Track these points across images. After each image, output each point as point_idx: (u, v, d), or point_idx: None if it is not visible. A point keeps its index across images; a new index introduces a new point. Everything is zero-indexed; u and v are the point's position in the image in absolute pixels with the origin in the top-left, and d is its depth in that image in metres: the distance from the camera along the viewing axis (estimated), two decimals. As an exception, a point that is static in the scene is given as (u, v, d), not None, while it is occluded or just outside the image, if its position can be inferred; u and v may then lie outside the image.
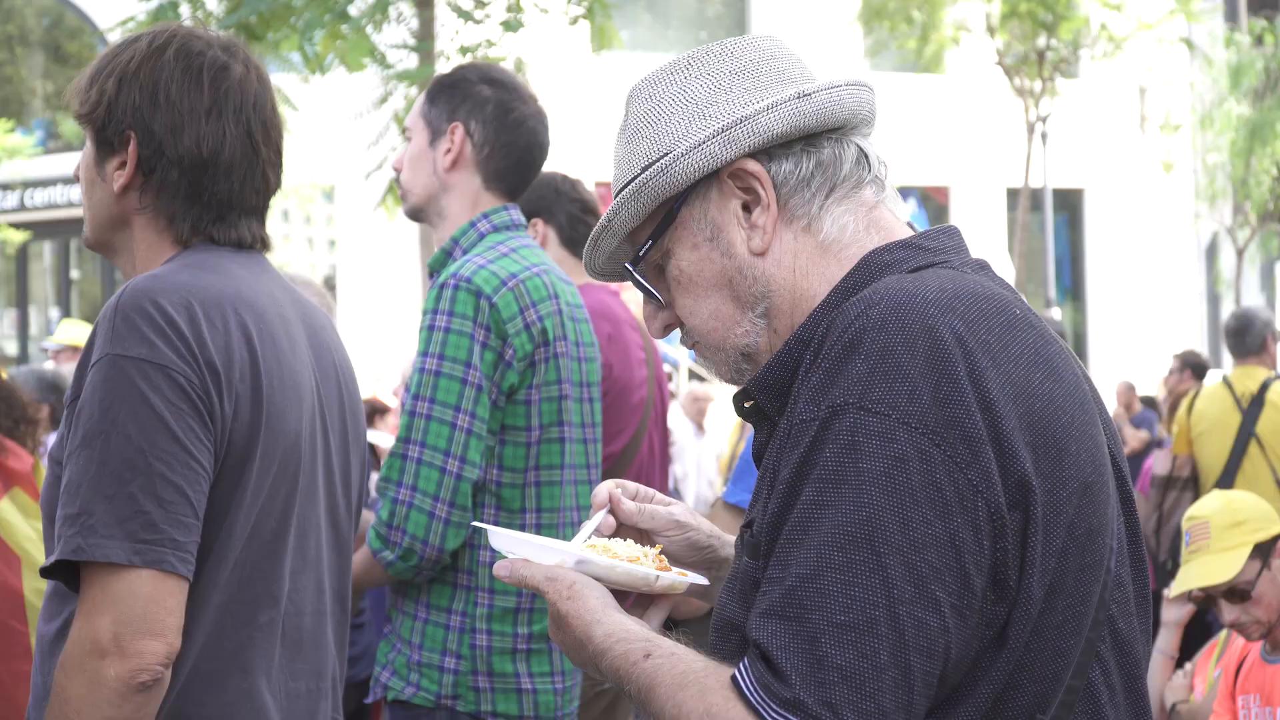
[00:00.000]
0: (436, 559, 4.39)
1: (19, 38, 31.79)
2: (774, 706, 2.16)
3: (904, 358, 2.22)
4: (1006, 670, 2.26)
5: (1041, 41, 26.42)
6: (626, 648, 2.33)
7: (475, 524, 2.75)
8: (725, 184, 2.45)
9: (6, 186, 29.45)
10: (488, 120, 4.68)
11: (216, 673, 3.11)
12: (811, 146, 2.46)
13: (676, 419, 15.29)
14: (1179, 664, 6.85)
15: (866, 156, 2.50)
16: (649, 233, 2.50)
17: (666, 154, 2.45)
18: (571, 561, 2.44)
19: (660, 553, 2.56)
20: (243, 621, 3.13)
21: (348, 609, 3.43)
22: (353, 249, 28.37)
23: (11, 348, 31.28)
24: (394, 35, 10.69)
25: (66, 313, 29.94)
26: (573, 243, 5.75)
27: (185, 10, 10.08)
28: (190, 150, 3.21)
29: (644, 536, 2.67)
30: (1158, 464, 10.70)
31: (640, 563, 2.49)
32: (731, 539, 2.73)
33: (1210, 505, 5.82)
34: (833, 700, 2.14)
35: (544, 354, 4.51)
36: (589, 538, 2.56)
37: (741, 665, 2.21)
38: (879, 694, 2.14)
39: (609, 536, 2.62)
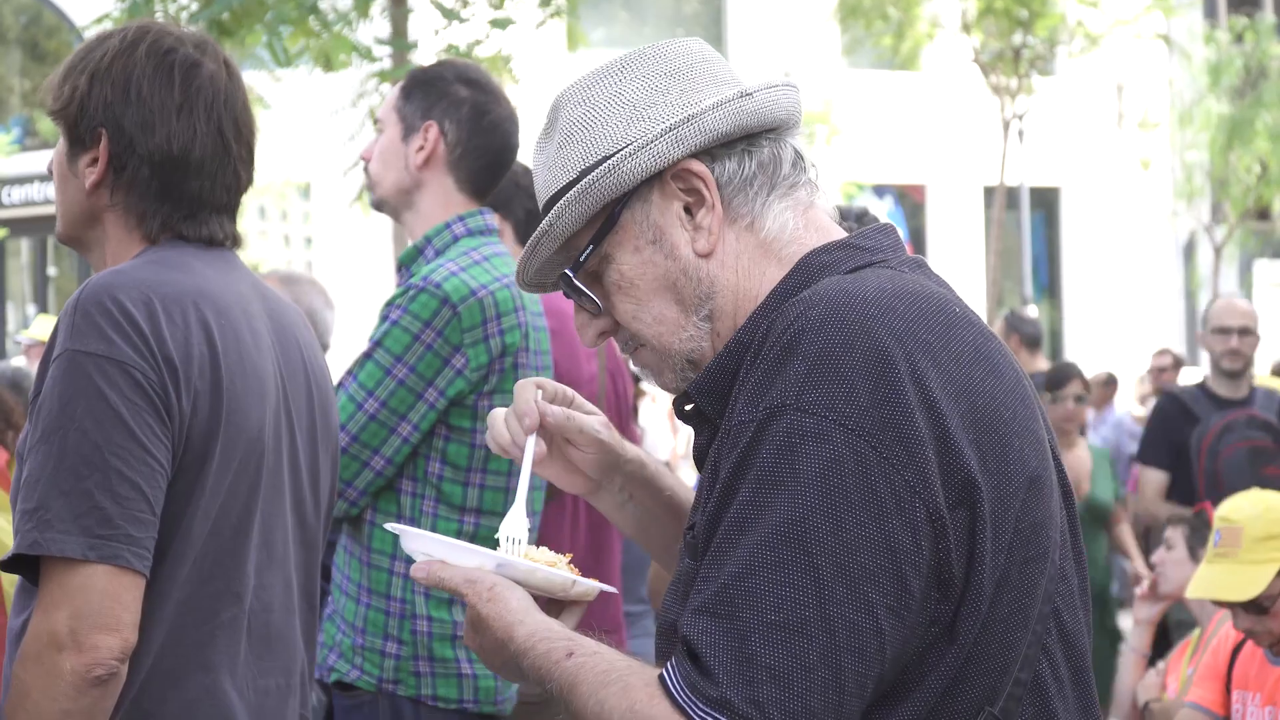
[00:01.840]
0: None
1: (-4, 35, 31.74)
2: (700, 705, 2.16)
3: (842, 359, 2.23)
4: (956, 664, 2.27)
5: (1017, 39, 26.44)
6: (549, 646, 2.33)
7: (387, 526, 2.73)
8: (668, 185, 2.45)
9: (-17, 183, 29.41)
10: (463, 121, 4.70)
11: (177, 670, 3.11)
12: (753, 146, 2.46)
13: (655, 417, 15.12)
14: (1151, 662, 6.86)
15: (801, 158, 2.51)
16: (589, 238, 2.48)
17: (609, 156, 2.44)
18: (491, 564, 2.44)
19: (570, 561, 2.55)
20: (204, 618, 3.13)
21: (316, 606, 3.43)
22: (328, 246, 28.36)
23: (-11, 344, 31.24)
24: (370, 33, 10.67)
25: (44, 309, 29.90)
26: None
27: (158, 7, 10.05)
28: (161, 147, 3.21)
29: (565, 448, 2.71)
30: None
31: (555, 566, 2.50)
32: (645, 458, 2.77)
33: (1247, 510, 5.64)
34: (759, 699, 2.14)
35: (500, 365, 4.55)
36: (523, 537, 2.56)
37: (670, 663, 2.22)
38: (807, 694, 2.15)
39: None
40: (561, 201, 2.46)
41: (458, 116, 4.70)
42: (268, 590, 3.24)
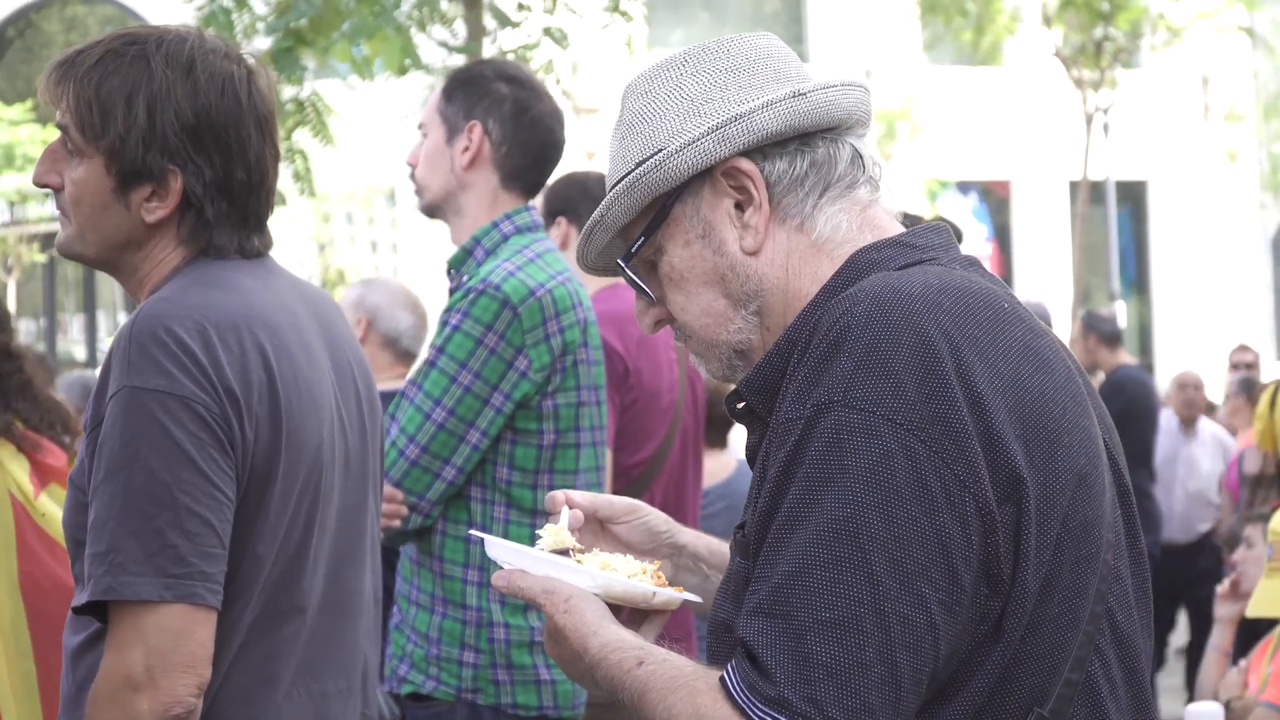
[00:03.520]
0: None
1: (83, 46, 31.99)
2: (759, 705, 2.17)
3: (889, 355, 2.23)
4: (1002, 663, 2.27)
5: (1099, 32, 26.26)
6: (621, 656, 2.34)
7: (472, 532, 2.75)
8: (718, 182, 2.46)
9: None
10: (506, 119, 4.69)
11: (245, 686, 3.11)
12: (806, 146, 2.46)
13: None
14: (1233, 660, 6.81)
15: (861, 157, 2.50)
16: (641, 229, 2.50)
17: (660, 150, 2.45)
18: (572, 575, 2.46)
19: (658, 569, 2.56)
20: (269, 634, 3.13)
21: (379, 604, 3.43)
22: (415, 250, 28.48)
23: (80, 352, 31.51)
24: (439, 36, 10.65)
25: (133, 317, 30.12)
26: None
27: (234, 15, 10.04)
28: (241, 179, 3.15)
29: (602, 530, 2.70)
30: (1248, 462, 10.55)
31: (639, 576, 2.51)
32: (685, 528, 2.77)
33: None
34: (817, 697, 2.15)
35: (561, 364, 4.55)
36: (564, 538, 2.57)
37: (730, 665, 2.23)
38: (864, 690, 2.16)
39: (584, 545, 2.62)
40: (612, 193, 2.49)
41: (500, 114, 4.69)
42: (326, 596, 3.23)
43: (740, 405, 2.49)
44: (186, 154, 3.11)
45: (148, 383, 2.98)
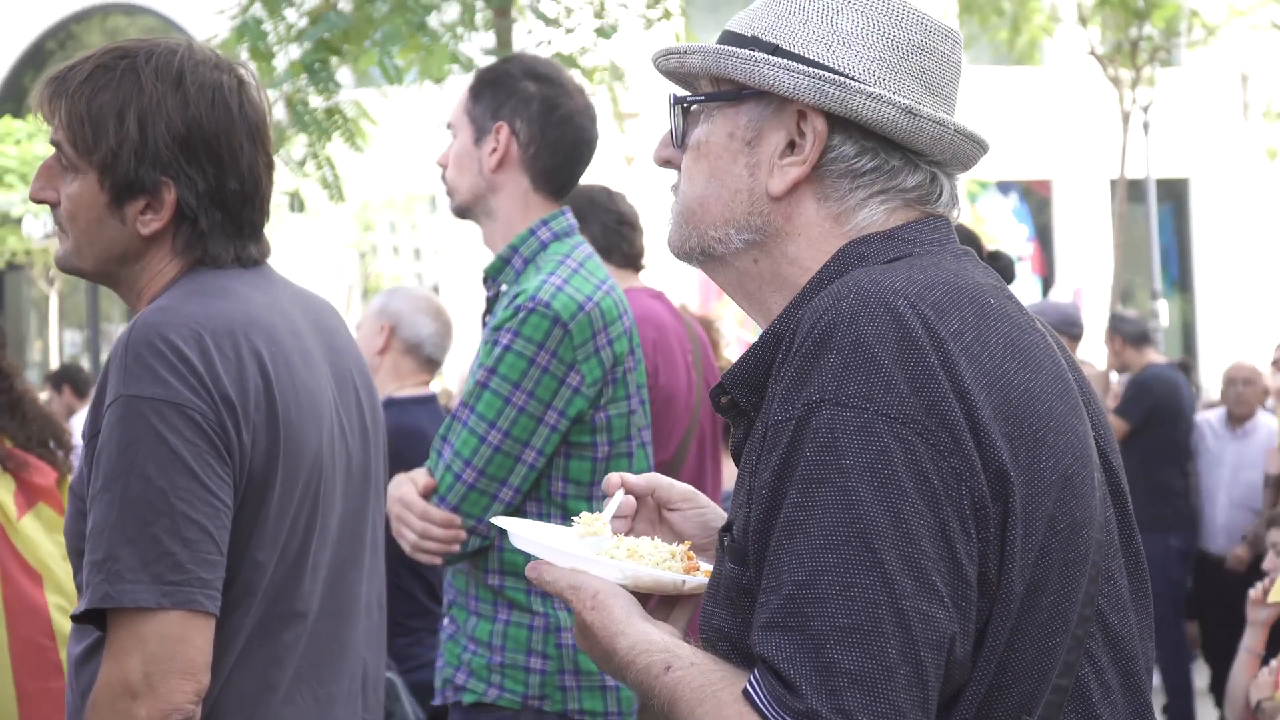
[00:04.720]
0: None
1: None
2: (789, 719, 2.12)
3: (876, 349, 2.18)
4: (989, 670, 2.21)
5: (1134, 31, 26.17)
6: (648, 660, 2.29)
7: (494, 520, 2.71)
8: (792, 115, 2.39)
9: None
10: (534, 118, 4.61)
11: (246, 692, 3.12)
12: (885, 150, 2.40)
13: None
14: (1264, 661, 6.79)
15: (940, 184, 2.45)
16: (708, 91, 2.45)
17: (774, 47, 2.40)
18: (597, 567, 2.40)
19: (688, 550, 2.50)
20: (270, 640, 3.14)
21: (384, 608, 3.44)
22: (457, 257, 28.54)
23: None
24: (475, 43, 10.64)
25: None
26: (605, 251, 5.68)
27: (267, 26, 10.05)
28: (234, 189, 3.16)
29: (659, 517, 2.64)
30: (1270, 463, 10.51)
31: (668, 562, 2.45)
32: None
33: None
34: (846, 706, 2.09)
35: (614, 375, 4.50)
36: (610, 520, 2.53)
37: (753, 677, 2.17)
38: (892, 694, 2.10)
39: (630, 531, 2.58)
40: (708, 46, 2.44)
41: (528, 114, 4.60)
42: (326, 601, 3.24)
43: (724, 399, 2.43)
44: (179, 166, 3.13)
45: (144, 391, 2.99)
